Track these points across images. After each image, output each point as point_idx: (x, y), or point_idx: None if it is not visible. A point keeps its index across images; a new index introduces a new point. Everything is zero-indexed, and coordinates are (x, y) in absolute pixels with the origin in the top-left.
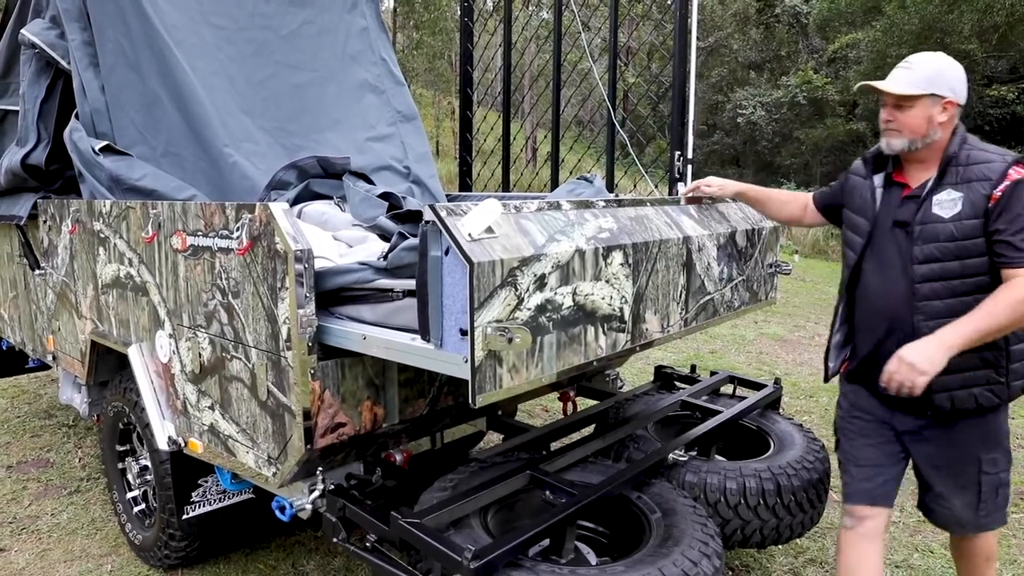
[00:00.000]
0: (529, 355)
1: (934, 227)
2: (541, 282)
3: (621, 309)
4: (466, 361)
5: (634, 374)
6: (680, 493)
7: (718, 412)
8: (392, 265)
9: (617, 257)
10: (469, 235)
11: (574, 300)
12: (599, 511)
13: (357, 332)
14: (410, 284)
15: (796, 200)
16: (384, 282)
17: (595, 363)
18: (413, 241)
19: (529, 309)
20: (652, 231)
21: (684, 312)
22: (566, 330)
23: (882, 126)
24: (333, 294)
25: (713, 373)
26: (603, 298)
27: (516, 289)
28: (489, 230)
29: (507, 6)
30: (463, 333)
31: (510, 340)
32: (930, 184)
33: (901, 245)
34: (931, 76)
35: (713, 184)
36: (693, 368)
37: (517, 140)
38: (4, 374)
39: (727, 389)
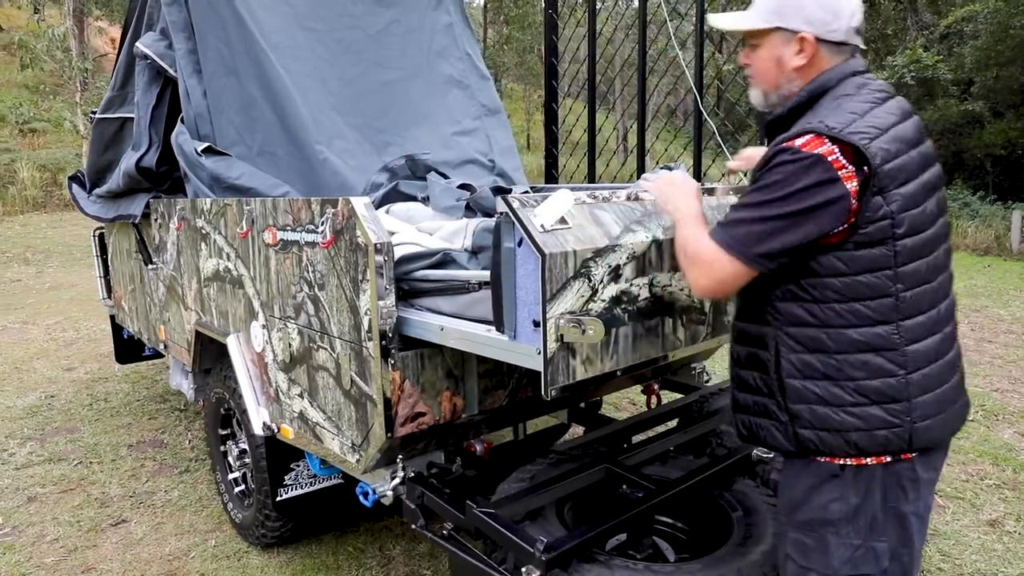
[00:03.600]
0: (603, 347)
1: None
2: (616, 273)
3: (701, 301)
4: (539, 353)
5: (724, 368)
6: (764, 492)
7: None
8: (476, 246)
9: None
10: (542, 226)
11: (651, 291)
12: (679, 507)
13: (435, 323)
14: (486, 275)
15: None
16: (460, 274)
17: (672, 356)
18: (491, 221)
19: (603, 300)
20: None
21: None
22: (642, 322)
23: None
24: (413, 287)
25: None
26: (682, 289)
27: (590, 280)
28: (562, 221)
29: None
30: (536, 325)
31: (583, 332)
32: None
33: None
34: (779, 2)
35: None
36: None
37: (607, 131)
38: (126, 361)
39: None
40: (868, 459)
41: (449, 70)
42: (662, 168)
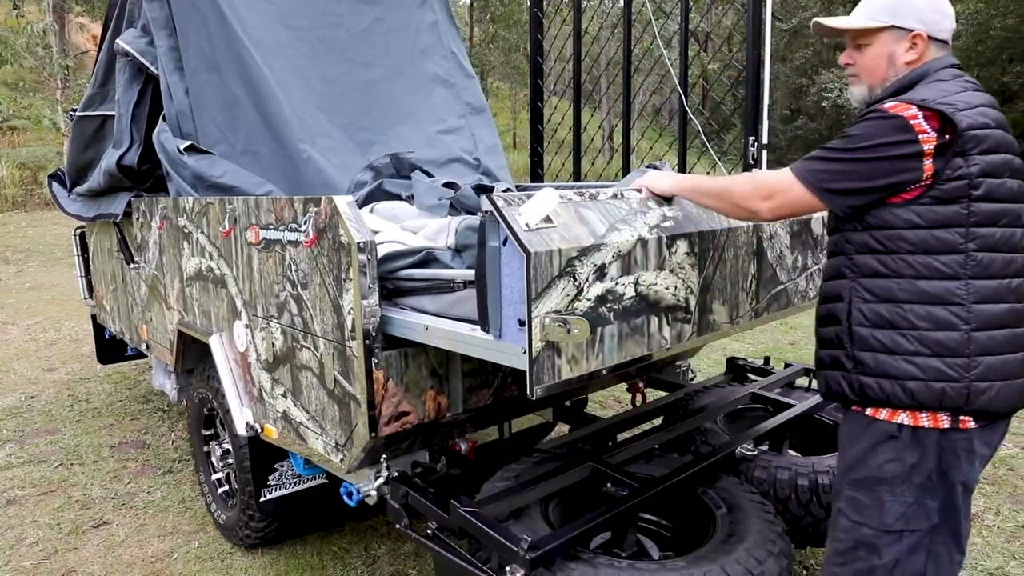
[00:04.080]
0: (589, 346)
1: None
2: (601, 272)
3: (687, 299)
4: (524, 352)
5: (709, 366)
6: (747, 489)
7: (790, 406)
8: (460, 244)
9: (682, 246)
10: (526, 225)
11: (636, 290)
12: (664, 505)
13: (419, 323)
14: (470, 274)
15: None
16: (445, 273)
17: (658, 354)
18: (475, 219)
19: (589, 299)
20: (720, 219)
21: (755, 302)
22: (628, 321)
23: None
24: (397, 286)
25: (787, 365)
26: (667, 288)
27: (575, 279)
28: (547, 220)
29: None
30: (521, 324)
31: (569, 331)
32: None
33: None
34: (894, 4)
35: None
36: (767, 360)
37: (593, 130)
38: (108, 361)
39: (803, 382)
40: (924, 418)
41: (434, 68)
42: (648, 166)
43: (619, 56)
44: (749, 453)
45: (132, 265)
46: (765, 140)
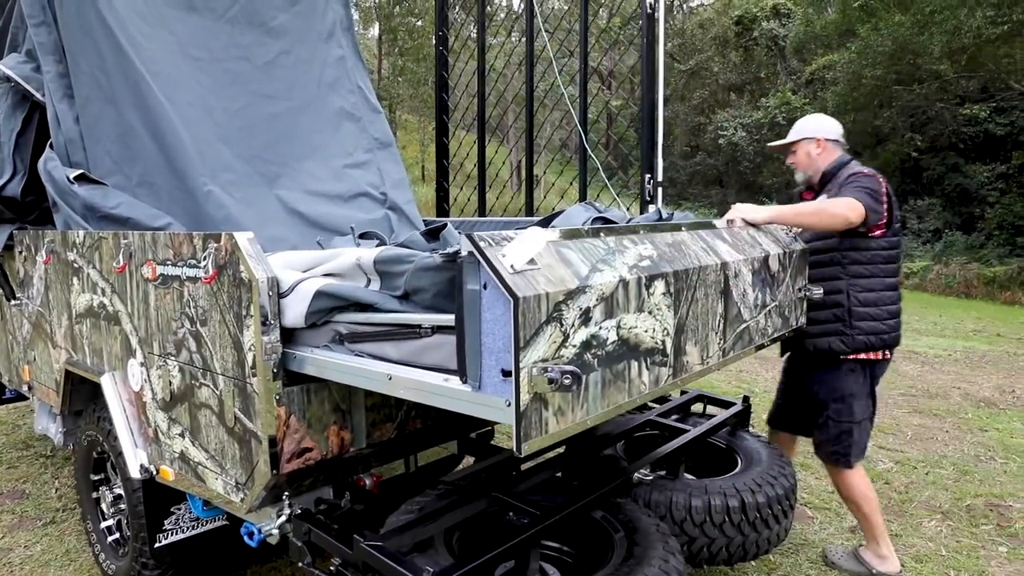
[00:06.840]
0: (574, 396)
1: None
2: (586, 316)
3: (663, 342)
4: (509, 405)
5: None
6: (644, 511)
7: (685, 431)
8: (411, 287)
9: (659, 286)
10: (512, 267)
11: (618, 334)
12: (565, 531)
13: (382, 372)
14: (441, 319)
15: None
16: (411, 316)
17: (639, 401)
18: (428, 260)
19: (574, 346)
20: (691, 257)
21: (722, 342)
22: (611, 367)
23: None
24: (352, 331)
25: (683, 392)
26: (646, 331)
27: (562, 325)
28: (531, 261)
29: (480, 34)
30: (505, 374)
31: (560, 384)
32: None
33: None
34: (802, 125)
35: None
36: None
37: (499, 165)
38: None
39: (698, 408)
40: (868, 354)
41: (340, 103)
42: (587, 204)
43: (513, 93)
44: (646, 477)
45: (13, 302)
46: (660, 178)
